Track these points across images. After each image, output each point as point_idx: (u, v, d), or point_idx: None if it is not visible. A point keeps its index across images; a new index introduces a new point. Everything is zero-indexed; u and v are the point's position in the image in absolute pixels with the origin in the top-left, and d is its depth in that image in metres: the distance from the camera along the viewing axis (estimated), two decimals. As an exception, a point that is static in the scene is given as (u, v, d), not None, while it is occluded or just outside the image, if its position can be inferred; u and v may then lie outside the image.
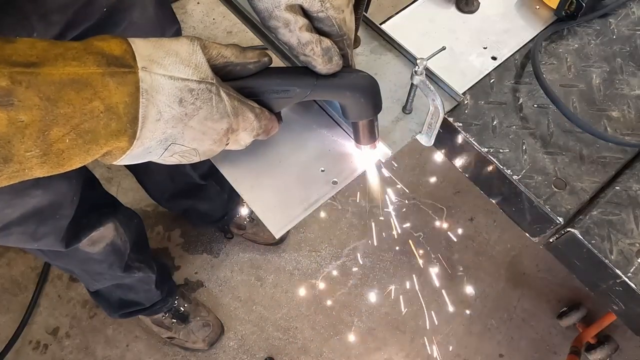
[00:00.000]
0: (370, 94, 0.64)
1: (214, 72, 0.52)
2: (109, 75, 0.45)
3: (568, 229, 0.70)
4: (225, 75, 0.56)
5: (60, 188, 0.94)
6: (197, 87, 0.50)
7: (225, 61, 0.55)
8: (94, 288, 1.44)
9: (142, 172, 1.44)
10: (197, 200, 1.61)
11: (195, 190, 1.55)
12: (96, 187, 1.24)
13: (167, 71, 0.48)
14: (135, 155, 0.50)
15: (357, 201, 1.95)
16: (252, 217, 1.85)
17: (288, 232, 1.87)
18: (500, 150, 0.76)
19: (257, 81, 0.59)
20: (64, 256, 1.15)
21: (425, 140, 0.78)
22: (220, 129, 0.54)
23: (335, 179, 0.75)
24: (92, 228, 1.12)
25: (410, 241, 1.90)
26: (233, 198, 1.73)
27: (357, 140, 0.71)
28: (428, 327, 1.78)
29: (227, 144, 0.59)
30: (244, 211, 1.82)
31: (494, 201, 0.81)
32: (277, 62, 0.73)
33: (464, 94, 0.80)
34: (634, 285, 0.66)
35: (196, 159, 0.57)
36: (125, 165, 1.41)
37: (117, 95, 0.45)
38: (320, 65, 0.59)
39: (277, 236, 0.71)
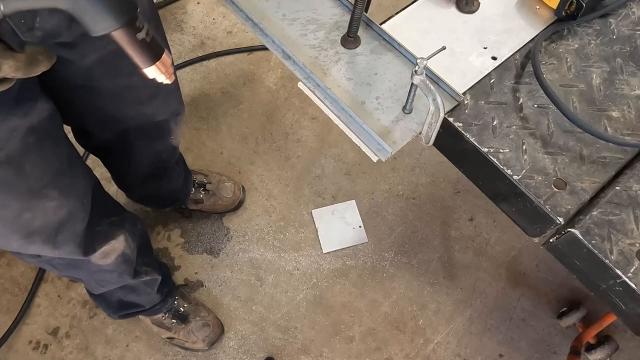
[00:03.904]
0: None
1: None
2: None
3: (568, 229, 0.70)
4: None
5: (73, 187, 0.94)
6: None
7: None
8: (99, 292, 1.44)
9: (124, 156, 1.41)
10: (162, 183, 1.62)
11: (162, 173, 1.58)
12: (103, 192, 1.23)
13: None
14: None
15: (357, 201, 1.95)
16: (207, 189, 1.86)
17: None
18: (500, 150, 0.76)
19: None
20: (73, 268, 1.15)
21: (425, 140, 0.78)
22: None
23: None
24: (104, 239, 1.12)
25: (410, 241, 1.90)
26: (189, 177, 1.76)
27: (136, 62, 0.59)
28: (428, 327, 1.78)
29: None
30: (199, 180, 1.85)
31: (493, 201, 0.81)
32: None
33: (464, 94, 0.80)
34: (634, 285, 0.66)
35: None
36: (106, 148, 1.38)
37: None
38: None
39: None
